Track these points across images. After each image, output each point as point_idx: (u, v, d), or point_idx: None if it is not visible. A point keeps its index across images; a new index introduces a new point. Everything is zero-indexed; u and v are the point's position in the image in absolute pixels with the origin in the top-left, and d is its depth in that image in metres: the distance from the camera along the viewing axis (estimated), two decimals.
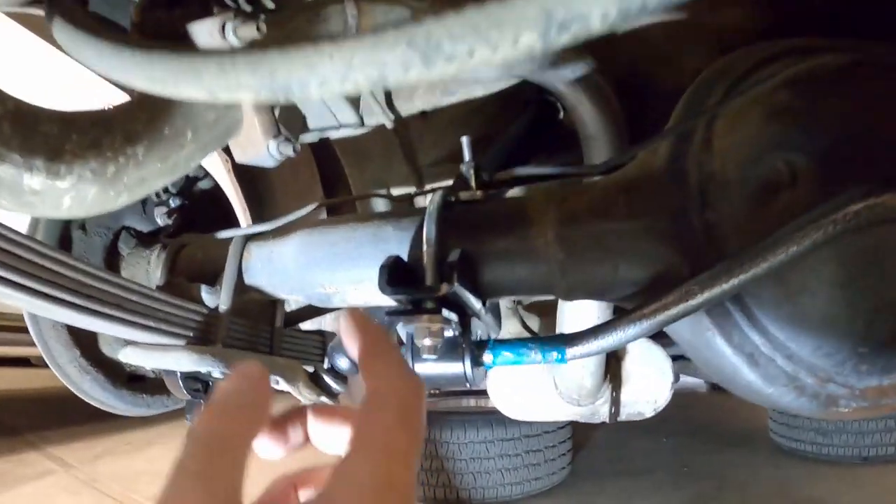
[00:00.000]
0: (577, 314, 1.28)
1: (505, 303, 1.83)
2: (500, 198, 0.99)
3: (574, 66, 1.21)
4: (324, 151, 1.59)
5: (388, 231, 1.02)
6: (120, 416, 1.69)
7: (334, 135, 1.48)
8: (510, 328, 1.84)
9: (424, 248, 0.91)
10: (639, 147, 0.92)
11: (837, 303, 0.79)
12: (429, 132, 1.50)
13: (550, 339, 0.88)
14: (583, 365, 1.39)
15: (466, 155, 1.02)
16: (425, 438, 2.57)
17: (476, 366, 0.90)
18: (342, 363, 1.27)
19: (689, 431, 3.80)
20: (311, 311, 1.60)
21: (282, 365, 1.25)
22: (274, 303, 1.35)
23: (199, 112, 0.96)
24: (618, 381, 1.52)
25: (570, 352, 0.86)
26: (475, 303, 0.92)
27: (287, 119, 1.42)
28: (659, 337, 1.64)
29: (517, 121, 1.38)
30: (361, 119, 1.44)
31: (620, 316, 0.82)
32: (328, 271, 1.09)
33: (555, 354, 0.88)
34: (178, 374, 1.19)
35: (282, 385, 1.26)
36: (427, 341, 0.86)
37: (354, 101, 1.42)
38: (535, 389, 1.54)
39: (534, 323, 1.90)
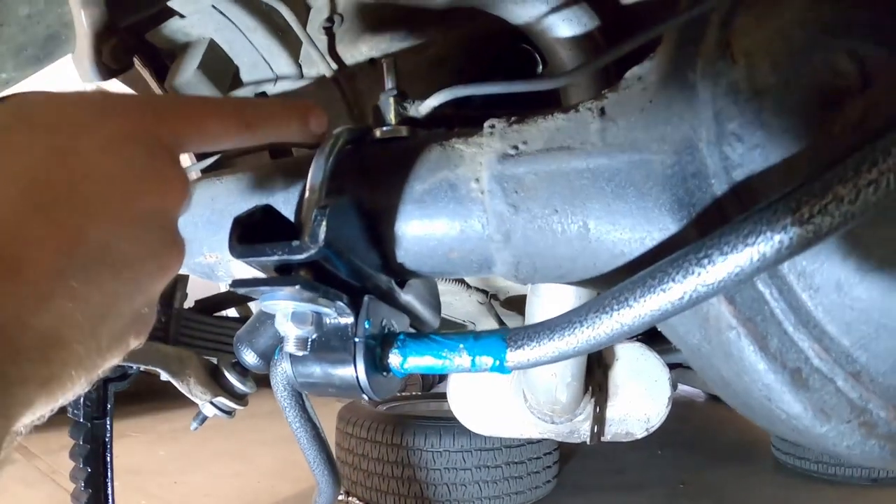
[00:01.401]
0: (551, 305, 0.92)
1: (476, 296, 1.47)
2: (429, 133, 0.64)
3: None
4: None
5: (276, 180, 0.68)
6: None
7: (271, 89, 1.15)
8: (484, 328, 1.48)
9: (306, 195, 0.56)
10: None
11: None
12: (380, 86, 1.16)
13: (485, 338, 0.53)
14: (554, 374, 1.03)
15: (388, 81, 0.67)
16: (397, 444, 2.21)
17: (376, 371, 0.55)
18: (249, 357, 0.91)
19: (685, 443, 3.38)
20: (237, 297, 1.26)
21: (166, 354, 0.91)
22: (174, 280, 1.02)
23: (9, 5, 0.63)
24: (603, 394, 1.15)
25: (513, 357, 0.51)
26: (379, 279, 0.58)
27: (215, 70, 1.09)
28: (655, 340, 1.27)
29: (484, 74, 1.04)
30: (300, 70, 1.11)
31: (587, 304, 0.47)
32: (208, 234, 0.74)
33: (488, 360, 0.52)
34: None
35: (165, 377, 0.92)
36: (290, 329, 0.51)
37: (293, 50, 1.09)
38: (500, 401, 1.18)
39: (516, 322, 1.55)
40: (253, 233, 0.53)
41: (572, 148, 0.51)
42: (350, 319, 0.54)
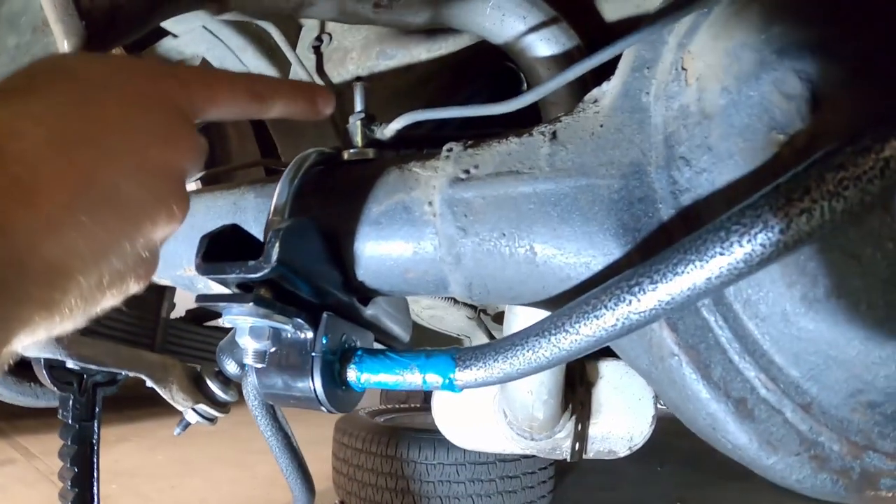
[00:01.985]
0: (525, 324, 0.91)
1: (464, 311, 1.47)
2: (391, 156, 0.64)
3: (527, 16, 0.87)
4: (260, 126, 1.27)
5: (248, 200, 0.68)
6: None
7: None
8: (475, 343, 1.48)
9: (269, 216, 0.57)
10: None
11: None
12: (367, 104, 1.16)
13: (436, 357, 0.53)
14: (530, 391, 1.02)
15: (358, 103, 0.68)
16: (391, 456, 2.20)
17: (334, 385, 0.55)
18: (230, 366, 0.92)
19: (685, 459, 3.32)
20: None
21: (151, 362, 0.92)
22: (162, 290, 1.02)
23: None
24: (585, 411, 1.14)
25: (461, 376, 0.51)
26: (340, 297, 0.58)
27: None
28: None
29: (468, 92, 1.04)
30: None
31: (529, 328, 0.47)
32: (187, 249, 0.75)
33: (438, 379, 0.52)
34: (41, 361, 1.01)
35: (150, 384, 0.93)
36: (248, 342, 0.52)
37: (282, 69, 1.09)
38: (482, 417, 1.17)
39: None
40: (221, 250, 0.53)
41: (521, 172, 0.51)
42: (310, 334, 0.55)
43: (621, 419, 1.16)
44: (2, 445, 3.15)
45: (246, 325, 0.54)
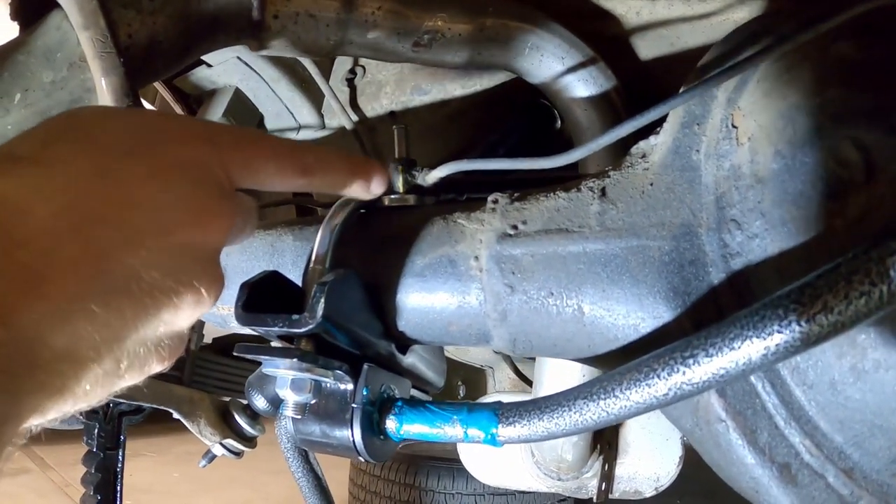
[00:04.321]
0: (559, 371, 0.92)
1: None
2: (433, 205, 0.65)
3: (566, 56, 0.88)
4: None
5: (286, 242, 0.69)
6: None
7: (294, 137, 1.17)
8: (499, 378, 1.48)
9: (311, 265, 0.58)
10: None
11: None
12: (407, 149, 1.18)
13: (478, 412, 0.54)
14: None
15: (397, 150, 0.69)
16: (409, 484, 2.19)
17: (373, 435, 0.56)
18: (259, 402, 0.93)
19: (706, 492, 3.28)
20: (255, 338, 1.28)
21: (179, 396, 0.93)
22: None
23: (33, 71, 0.66)
24: (612, 451, 1.14)
25: (504, 432, 0.51)
26: (380, 346, 0.59)
27: (241, 117, 1.12)
28: None
29: (502, 128, 1.05)
30: (323, 120, 1.13)
31: (577, 388, 0.47)
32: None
33: (480, 434, 0.53)
34: None
35: (176, 416, 0.94)
36: (289, 395, 0.53)
37: (315, 100, 1.11)
38: (509, 454, 1.17)
39: (530, 369, 1.55)
40: (260, 296, 0.54)
41: (570, 231, 0.51)
42: (350, 386, 0.56)
43: (648, 460, 1.16)
44: (17, 455, 3.17)
45: (287, 377, 0.55)
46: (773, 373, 0.47)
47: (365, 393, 0.56)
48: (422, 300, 0.57)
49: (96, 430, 1.09)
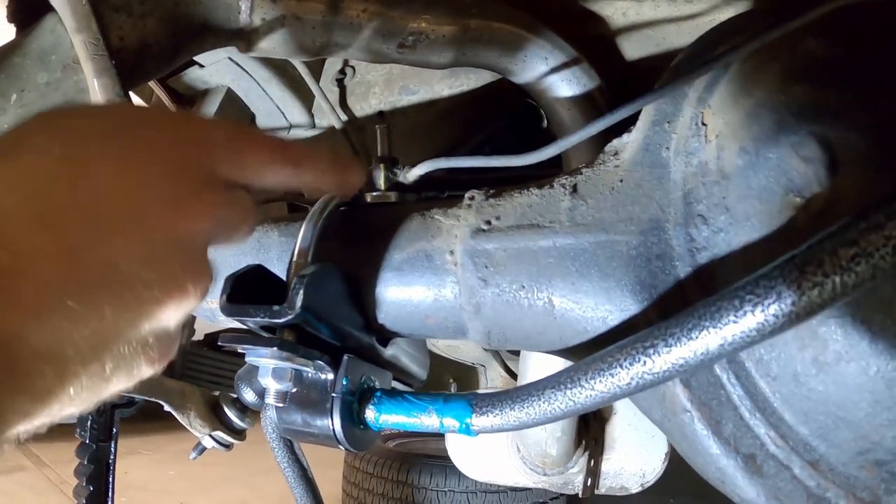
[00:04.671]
0: (542, 367, 0.93)
1: None
2: (413, 201, 0.67)
3: (549, 57, 0.89)
4: None
5: (272, 238, 0.70)
6: None
7: (285, 136, 1.19)
8: (491, 376, 1.49)
9: (294, 259, 0.59)
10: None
11: None
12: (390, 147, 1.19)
13: (454, 402, 0.55)
14: (544, 428, 1.04)
15: (379, 148, 0.70)
16: (402, 482, 2.20)
17: (353, 424, 0.57)
18: (248, 395, 0.94)
19: (699, 492, 3.29)
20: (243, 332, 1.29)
21: (169, 388, 0.94)
22: None
23: (28, 73, 0.68)
24: (599, 447, 1.15)
25: (478, 422, 0.53)
26: (360, 338, 0.60)
27: (231, 116, 1.14)
28: None
29: (489, 128, 1.06)
30: (313, 120, 1.14)
31: (546, 379, 0.48)
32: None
33: (454, 423, 0.54)
34: None
35: (167, 408, 0.96)
36: (270, 383, 0.54)
37: (306, 100, 1.13)
38: (494, 450, 1.19)
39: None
40: (245, 290, 0.56)
41: (541, 226, 0.53)
42: (330, 375, 0.57)
43: (634, 456, 1.17)
44: (14, 451, 3.18)
45: (269, 366, 0.56)
46: (738, 364, 0.48)
47: (345, 383, 0.57)
48: (400, 293, 0.58)
49: (89, 422, 1.10)
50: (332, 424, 0.56)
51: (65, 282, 0.31)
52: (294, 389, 0.58)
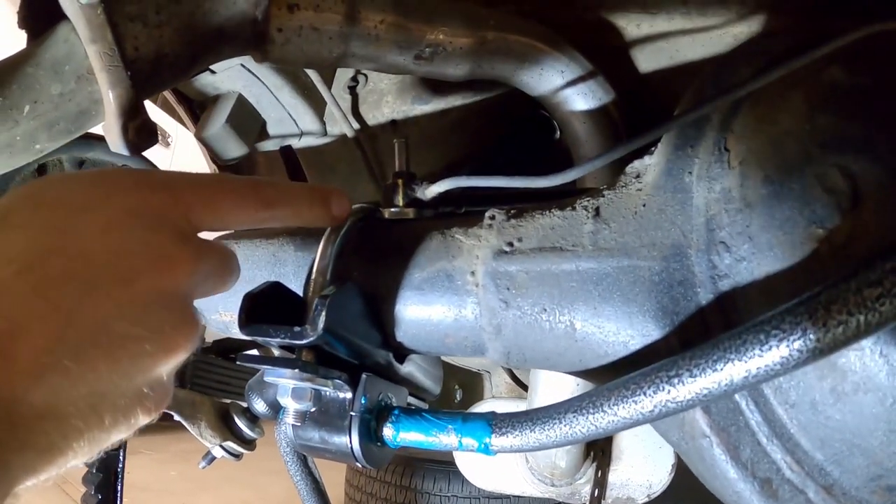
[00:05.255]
0: (553, 380, 0.94)
1: None
2: (432, 218, 0.67)
3: (565, 70, 0.90)
4: (292, 163, 1.30)
5: (288, 253, 0.71)
6: None
7: (296, 144, 1.19)
8: (496, 382, 1.50)
9: (312, 276, 0.59)
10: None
11: None
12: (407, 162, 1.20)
13: (472, 422, 0.56)
14: None
15: (397, 163, 0.71)
16: (405, 486, 2.21)
17: (370, 441, 0.58)
18: (259, 406, 0.96)
19: (702, 499, 3.30)
20: (254, 344, 1.30)
21: (180, 399, 0.95)
22: None
23: (41, 83, 0.68)
24: (606, 458, 1.16)
25: (497, 442, 0.53)
26: (378, 355, 0.61)
27: (243, 123, 1.14)
28: None
29: (502, 138, 1.07)
30: (325, 127, 1.15)
31: (567, 402, 0.49)
32: (224, 295, 0.78)
33: (474, 443, 0.55)
34: None
35: (178, 418, 0.96)
36: (290, 403, 0.55)
37: (318, 108, 1.13)
38: (501, 460, 1.20)
39: (525, 375, 1.56)
40: (262, 307, 0.56)
41: (564, 249, 0.53)
42: (348, 394, 0.58)
43: (641, 467, 1.18)
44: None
45: (288, 386, 0.57)
46: (757, 392, 0.49)
47: (363, 401, 0.58)
48: (420, 312, 0.59)
49: None
50: (351, 443, 0.57)
51: (60, 343, 0.33)
52: (313, 409, 0.58)
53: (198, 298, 0.43)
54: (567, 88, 0.91)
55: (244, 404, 1.01)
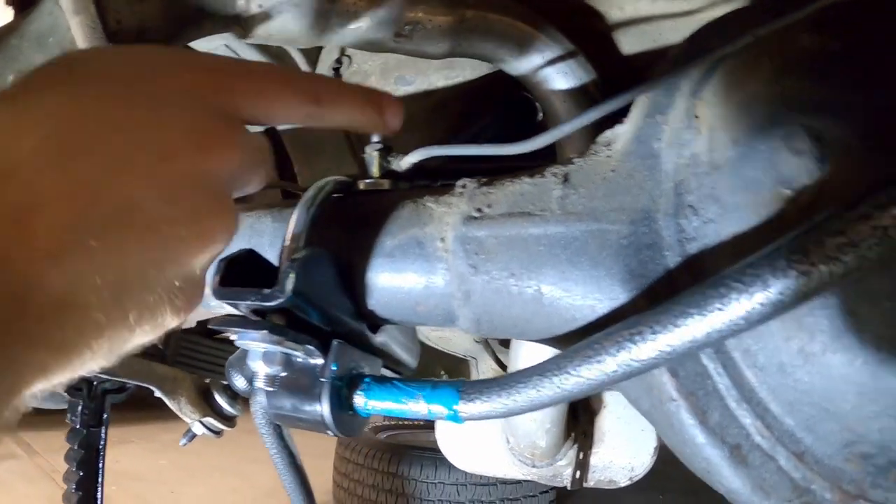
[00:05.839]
0: (530, 354, 0.93)
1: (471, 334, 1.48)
2: (406, 188, 0.67)
3: (545, 49, 0.89)
4: (276, 144, 1.29)
5: (265, 224, 0.70)
6: None
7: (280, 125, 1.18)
8: (482, 368, 1.49)
9: (286, 243, 0.59)
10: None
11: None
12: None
13: (441, 388, 0.55)
14: (534, 419, 1.04)
15: (373, 135, 0.70)
16: (392, 473, 2.21)
17: (341, 410, 0.57)
18: (238, 382, 0.94)
19: (689, 489, 3.30)
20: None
21: (161, 374, 0.94)
22: None
23: (25, 55, 0.68)
24: (588, 440, 1.15)
25: (465, 409, 0.53)
26: (351, 324, 0.60)
27: None
28: None
29: (485, 119, 1.06)
30: None
31: (533, 367, 0.48)
32: None
33: (442, 410, 0.54)
34: None
35: (158, 394, 0.96)
36: (260, 367, 0.54)
37: None
38: (483, 441, 1.19)
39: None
40: (237, 274, 0.56)
41: (532, 214, 0.53)
42: (320, 360, 0.57)
43: (623, 449, 1.17)
44: (4, 440, 3.18)
45: (259, 350, 0.56)
46: (725, 354, 0.48)
47: (334, 368, 0.57)
48: (391, 280, 0.58)
49: (80, 408, 1.10)
50: (321, 410, 0.56)
51: (84, 220, 0.29)
52: (284, 374, 0.58)
53: (232, 192, 0.39)
54: (547, 67, 0.91)
55: (225, 382, 1.00)
